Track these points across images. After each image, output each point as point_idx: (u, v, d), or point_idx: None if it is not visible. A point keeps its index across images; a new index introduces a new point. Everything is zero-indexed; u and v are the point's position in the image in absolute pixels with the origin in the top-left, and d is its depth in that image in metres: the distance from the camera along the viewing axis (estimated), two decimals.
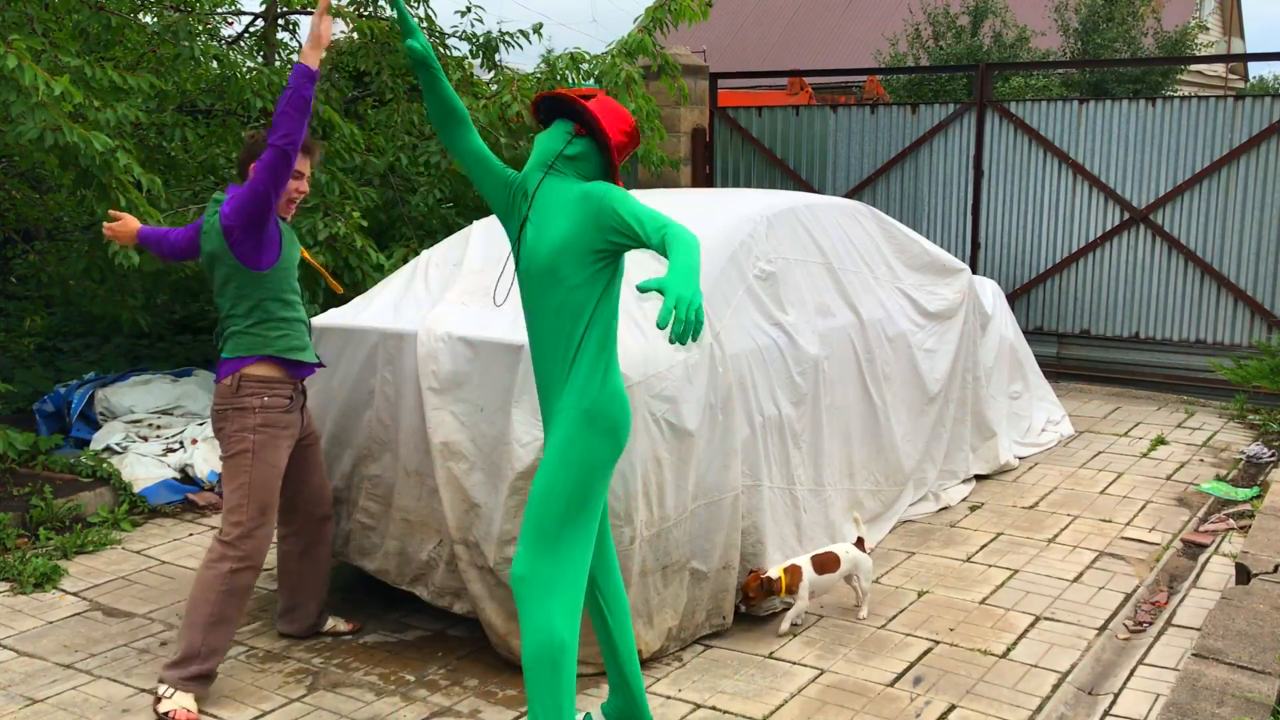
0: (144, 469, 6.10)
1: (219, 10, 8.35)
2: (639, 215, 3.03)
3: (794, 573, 4.39)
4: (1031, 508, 5.98)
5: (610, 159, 3.28)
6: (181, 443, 6.40)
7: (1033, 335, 8.67)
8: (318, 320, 4.68)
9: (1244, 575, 4.41)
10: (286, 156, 3.69)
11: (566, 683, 3.19)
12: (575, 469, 3.21)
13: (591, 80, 8.01)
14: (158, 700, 3.83)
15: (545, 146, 3.30)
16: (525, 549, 3.23)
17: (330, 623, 4.46)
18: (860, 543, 4.66)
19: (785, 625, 4.42)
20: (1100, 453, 7.00)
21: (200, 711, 3.87)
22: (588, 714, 3.68)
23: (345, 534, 4.60)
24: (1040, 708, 3.89)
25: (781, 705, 3.89)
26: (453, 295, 4.59)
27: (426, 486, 4.27)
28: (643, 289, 2.76)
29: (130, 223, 4.16)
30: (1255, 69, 37.87)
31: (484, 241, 5.00)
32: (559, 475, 3.21)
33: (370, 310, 4.67)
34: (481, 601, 4.11)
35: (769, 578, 4.35)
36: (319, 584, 4.37)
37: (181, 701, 3.81)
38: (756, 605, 4.44)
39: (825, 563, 4.47)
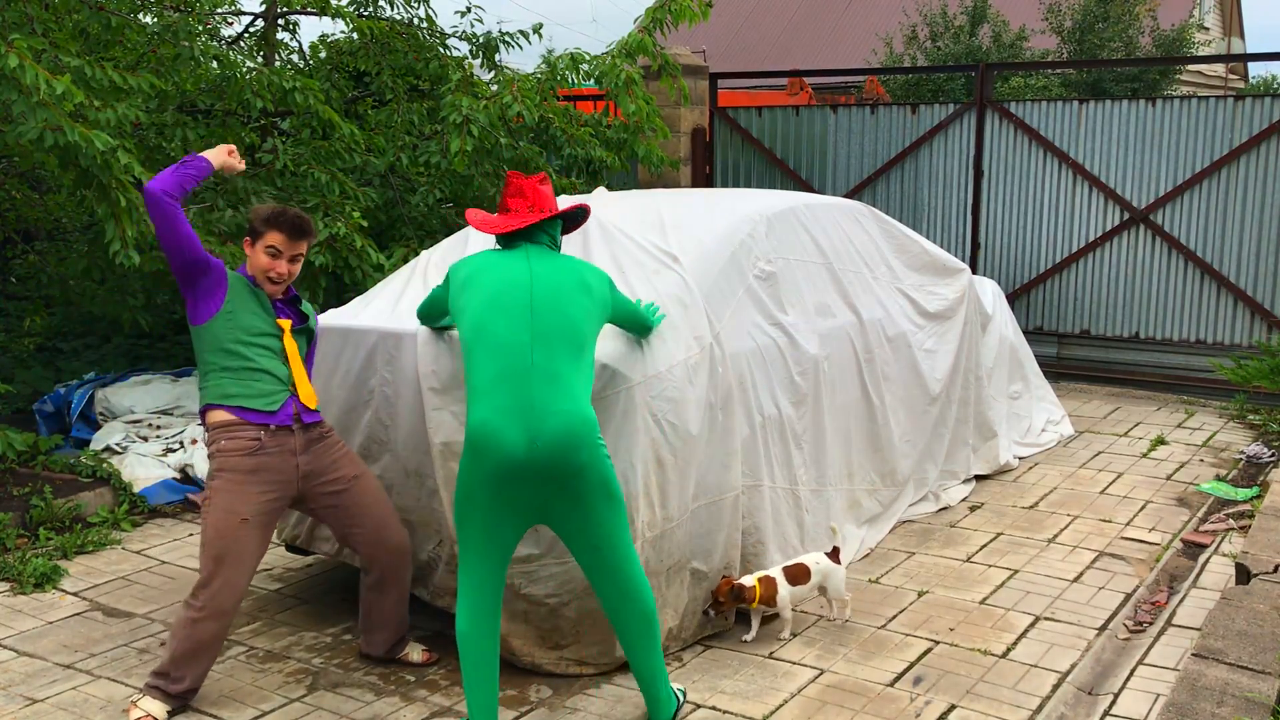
0: (144, 469, 6.11)
1: (219, 10, 8.34)
2: None
3: (769, 584, 4.29)
4: (1031, 508, 5.98)
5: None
6: (181, 443, 6.40)
7: (1033, 335, 8.66)
8: (318, 321, 4.66)
9: (1244, 575, 4.41)
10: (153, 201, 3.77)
11: (469, 669, 3.47)
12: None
13: (591, 80, 8.01)
14: (130, 705, 3.84)
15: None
16: None
17: (406, 650, 4.26)
18: (835, 553, 4.51)
19: (786, 633, 4.37)
20: (1100, 453, 7.01)
21: (200, 712, 3.87)
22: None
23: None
24: (1040, 708, 3.88)
25: (781, 705, 3.89)
26: None
27: (426, 487, 4.27)
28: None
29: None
30: (1255, 69, 37.89)
31: (483, 241, 5.00)
32: None
33: (370, 310, 4.67)
34: None
35: (741, 585, 4.25)
36: (388, 617, 4.17)
37: (148, 708, 3.79)
38: (725, 612, 4.33)
39: (796, 575, 4.36)
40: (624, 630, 3.60)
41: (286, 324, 4.01)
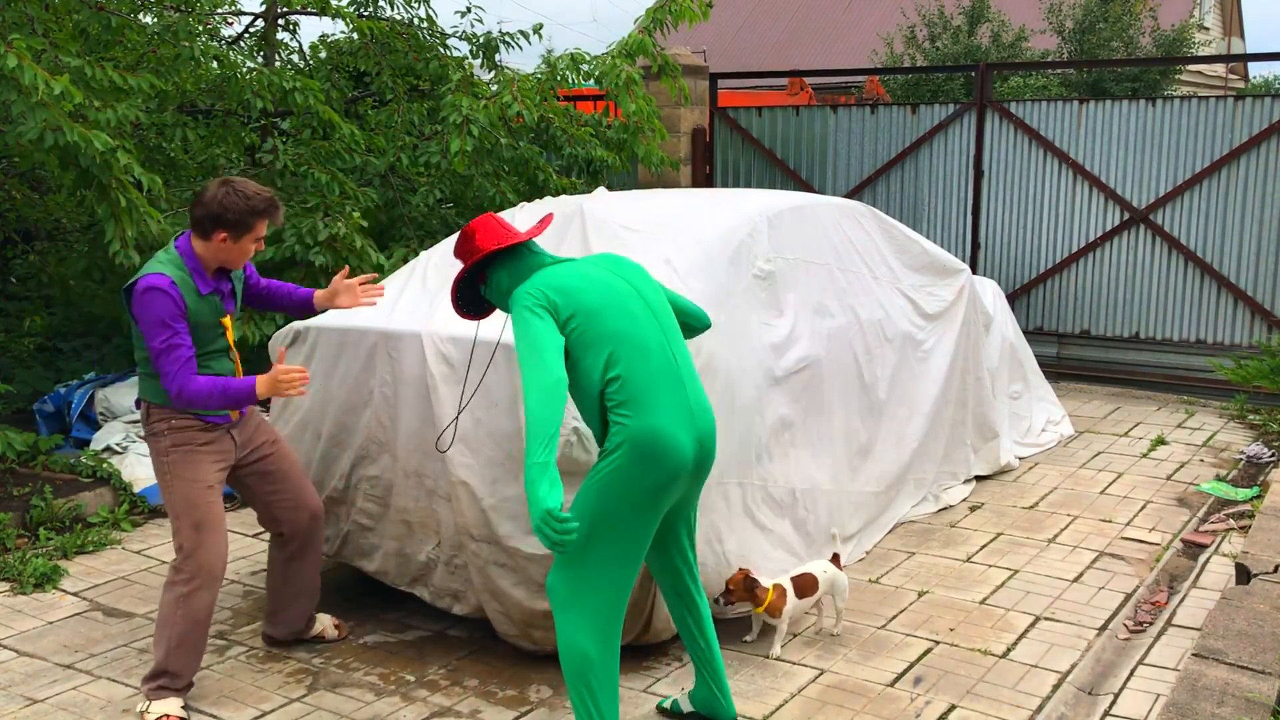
0: (144, 469, 6.10)
1: (219, 10, 8.35)
2: None
3: (780, 594, 4.22)
4: (1031, 508, 5.98)
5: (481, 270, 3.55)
6: None
7: (1033, 335, 8.66)
8: (317, 321, 4.65)
9: (1244, 575, 4.41)
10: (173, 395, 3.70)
11: (600, 689, 3.29)
12: (594, 491, 3.27)
13: (591, 80, 8.01)
14: (140, 717, 3.81)
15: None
16: (554, 562, 3.36)
17: (319, 627, 4.34)
18: (836, 559, 4.46)
19: (776, 649, 4.27)
20: (1100, 453, 7.00)
21: (200, 711, 3.87)
22: (673, 699, 3.81)
23: (343, 535, 4.58)
24: (1040, 708, 3.89)
25: (781, 705, 3.89)
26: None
27: (425, 487, 4.27)
28: None
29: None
30: (1255, 69, 37.89)
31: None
32: (581, 495, 3.31)
33: (369, 310, 4.67)
34: (514, 591, 4.07)
35: (756, 580, 4.17)
36: (307, 584, 4.24)
37: (162, 709, 3.78)
38: (735, 602, 4.21)
39: (804, 586, 4.29)
40: (693, 618, 3.63)
41: (228, 321, 3.94)
